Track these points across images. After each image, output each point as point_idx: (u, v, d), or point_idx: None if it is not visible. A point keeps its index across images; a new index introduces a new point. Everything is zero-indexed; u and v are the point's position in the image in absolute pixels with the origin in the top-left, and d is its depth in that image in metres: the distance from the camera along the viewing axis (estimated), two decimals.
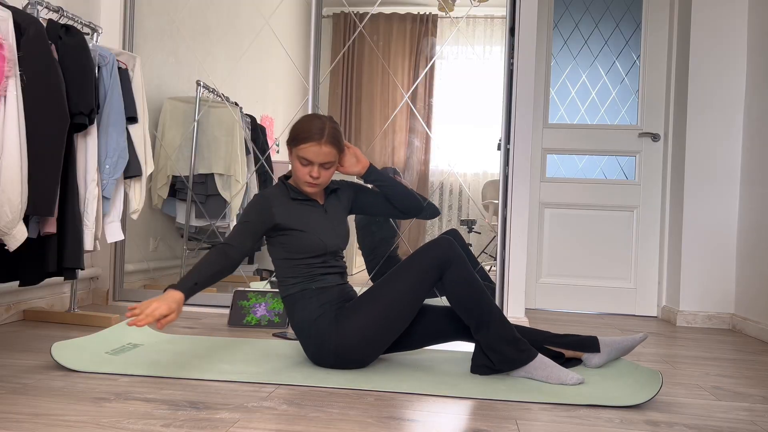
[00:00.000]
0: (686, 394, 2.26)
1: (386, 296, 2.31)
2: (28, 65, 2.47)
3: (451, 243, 2.34)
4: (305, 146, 2.32)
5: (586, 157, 4.51)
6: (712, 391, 2.32)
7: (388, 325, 2.31)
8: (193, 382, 2.13)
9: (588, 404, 2.03)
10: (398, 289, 2.31)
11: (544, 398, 2.07)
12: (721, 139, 4.02)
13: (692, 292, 4.04)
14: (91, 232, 2.94)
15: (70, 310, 3.38)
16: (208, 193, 4.17)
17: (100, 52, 3.03)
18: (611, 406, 2.03)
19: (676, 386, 2.38)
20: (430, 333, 2.46)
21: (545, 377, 2.28)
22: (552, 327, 3.70)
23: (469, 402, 2.03)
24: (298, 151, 2.34)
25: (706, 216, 4.03)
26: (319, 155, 2.33)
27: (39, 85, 2.51)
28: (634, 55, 4.49)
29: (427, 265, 2.30)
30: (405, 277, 2.32)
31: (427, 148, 4.13)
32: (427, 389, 2.13)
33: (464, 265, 2.32)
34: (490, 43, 4.06)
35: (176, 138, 4.16)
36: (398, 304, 2.30)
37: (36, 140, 2.49)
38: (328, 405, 1.92)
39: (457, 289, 2.31)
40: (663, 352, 3.07)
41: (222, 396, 1.97)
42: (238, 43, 4.17)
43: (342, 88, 4.21)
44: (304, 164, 2.35)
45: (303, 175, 2.37)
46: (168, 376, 2.18)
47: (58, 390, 1.97)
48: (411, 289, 2.31)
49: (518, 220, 3.51)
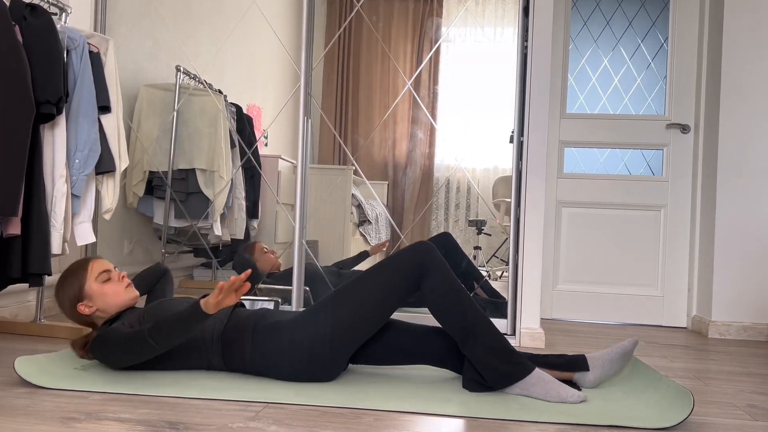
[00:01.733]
0: (719, 414, 2.25)
1: (355, 297, 2.34)
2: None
3: (430, 248, 2.36)
4: (90, 266, 2.50)
5: (608, 150, 4.51)
6: (747, 410, 2.32)
7: (354, 326, 2.33)
8: (172, 400, 2.13)
9: (609, 425, 2.03)
10: (367, 291, 2.33)
11: (559, 418, 2.07)
12: (758, 131, 4.02)
13: (725, 301, 4.04)
14: (59, 234, 2.94)
15: (36, 320, 3.37)
16: (188, 191, 4.17)
17: (69, 35, 3.03)
18: (635, 428, 2.02)
19: (707, 405, 2.38)
20: (405, 350, 2.47)
21: (544, 394, 2.25)
22: (571, 339, 3.70)
23: (478, 422, 2.02)
24: (90, 276, 2.48)
25: (741, 216, 4.03)
26: (104, 263, 2.54)
27: (1, 71, 2.51)
28: (661, 37, 4.49)
29: (402, 269, 2.33)
30: (376, 279, 2.35)
31: (432, 141, 4.13)
32: (431, 408, 2.12)
33: (444, 271, 2.33)
34: (502, 25, 4.06)
35: (153, 129, 4.16)
36: (366, 305, 2.32)
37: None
38: (322, 426, 1.91)
39: (437, 298, 2.32)
40: (693, 367, 3.07)
41: (203, 415, 1.97)
42: (223, 25, 4.17)
43: (337, 75, 4.21)
44: (106, 279, 2.48)
45: (117, 285, 2.50)
46: (144, 393, 2.17)
47: (23, 409, 1.97)
48: (381, 292, 2.33)
49: (533, 220, 3.51)
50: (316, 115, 4.37)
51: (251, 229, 4.50)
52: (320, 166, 4.41)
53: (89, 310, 2.44)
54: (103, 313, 2.47)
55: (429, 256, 2.34)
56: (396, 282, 2.32)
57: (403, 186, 4.26)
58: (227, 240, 4.34)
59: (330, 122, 4.31)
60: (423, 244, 2.37)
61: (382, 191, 4.46)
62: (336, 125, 4.27)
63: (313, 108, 3.80)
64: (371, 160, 4.29)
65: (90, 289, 2.45)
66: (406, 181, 4.24)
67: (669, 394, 2.22)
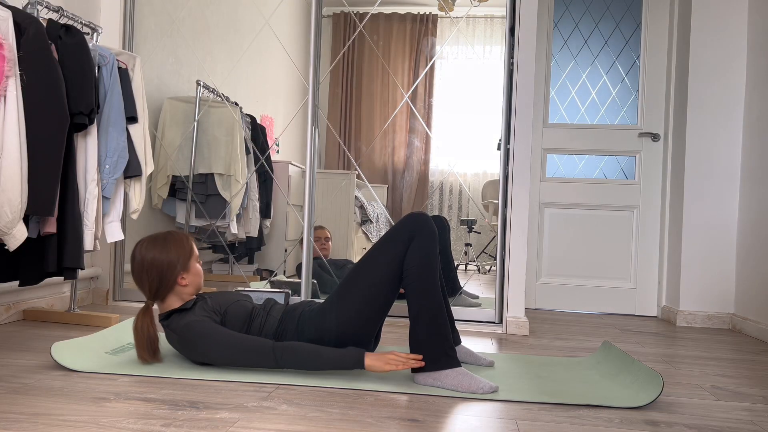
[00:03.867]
0: (686, 394, 2.26)
1: (366, 278, 2.26)
2: (28, 65, 2.47)
3: (425, 217, 2.28)
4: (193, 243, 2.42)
5: (586, 157, 4.51)
6: (712, 391, 2.32)
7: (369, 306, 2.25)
8: (193, 381, 2.13)
9: (587, 404, 2.03)
10: (376, 268, 2.26)
11: (544, 398, 2.07)
12: (721, 139, 4.02)
13: (692, 292, 4.04)
14: (91, 232, 2.94)
15: (70, 309, 3.38)
16: (207, 193, 4.17)
17: (100, 52, 3.03)
18: (610, 407, 2.03)
19: (675, 386, 2.38)
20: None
21: (455, 385, 2.14)
22: (553, 327, 3.70)
23: (470, 402, 2.02)
24: (195, 252, 2.41)
25: (706, 216, 4.03)
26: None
27: (39, 85, 2.51)
28: (634, 54, 4.49)
29: (397, 237, 2.26)
30: (379, 254, 2.27)
31: (427, 148, 4.13)
32: (427, 389, 2.13)
33: (430, 240, 2.24)
34: (490, 43, 4.06)
35: (176, 138, 4.16)
36: (378, 282, 2.25)
37: (36, 140, 2.49)
38: (328, 405, 1.92)
39: (412, 260, 2.22)
40: (663, 352, 3.07)
41: (222, 396, 1.97)
42: (238, 43, 4.17)
43: (342, 88, 4.21)
44: (199, 262, 2.43)
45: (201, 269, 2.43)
46: (168, 376, 2.17)
47: (58, 390, 1.97)
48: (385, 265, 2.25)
49: (518, 219, 3.51)
50: (323, 124, 4.36)
51: (264, 228, 4.49)
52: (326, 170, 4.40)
53: (184, 281, 2.34)
54: (185, 293, 2.37)
55: (419, 225, 2.25)
56: (395, 254, 2.24)
57: (402, 189, 4.25)
58: (242, 237, 4.33)
59: (335, 131, 4.31)
60: (418, 213, 2.29)
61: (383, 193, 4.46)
62: (341, 134, 4.27)
63: (320, 118, 3.81)
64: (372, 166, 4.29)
65: (192, 265, 2.37)
66: (404, 185, 4.24)
67: (641, 377, 2.23)
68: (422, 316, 2.20)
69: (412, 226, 2.27)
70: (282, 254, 4.45)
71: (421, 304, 2.20)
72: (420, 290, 2.21)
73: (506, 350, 2.94)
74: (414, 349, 2.21)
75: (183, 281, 2.35)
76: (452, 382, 2.15)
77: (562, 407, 2.01)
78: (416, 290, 2.21)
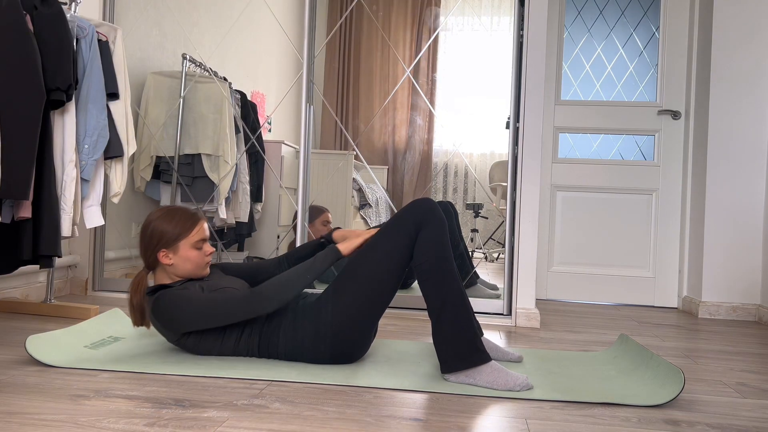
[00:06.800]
0: (709, 392, 2.25)
1: (366, 269, 2.26)
2: (0, 37, 2.44)
3: (432, 204, 2.27)
4: (198, 228, 2.38)
5: (602, 136, 4.49)
6: (736, 388, 2.31)
7: (370, 299, 2.25)
8: (179, 377, 2.12)
9: (603, 402, 2.02)
10: (377, 259, 2.25)
11: (556, 396, 2.06)
12: (747, 117, 4.00)
13: (715, 282, 4.03)
14: (69, 217, 2.93)
15: (47, 300, 3.37)
16: (194, 175, 4.15)
17: (78, 23, 3.01)
18: (628, 405, 2.02)
19: (698, 383, 2.37)
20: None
21: (491, 382, 2.12)
22: (565, 319, 3.70)
23: (476, 400, 2.02)
24: (192, 237, 2.36)
25: (731, 199, 4.01)
26: (207, 230, 2.43)
27: (13, 59, 2.49)
28: (653, 26, 4.46)
29: (403, 228, 2.24)
30: (382, 244, 2.26)
31: (431, 127, 4.11)
32: (430, 386, 2.12)
33: (441, 228, 2.23)
34: (498, 14, 4.03)
35: (160, 116, 4.14)
36: (379, 274, 2.24)
37: (9, 118, 2.47)
38: (323, 403, 1.91)
39: (425, 255, 2.21)
40: (684, 346, 3.06)
41: (209, 393, 1.96)
42: (227, 14, 4.14)
43: (339, 62, 4.18)
44: (200, 247, 2.38)
45: (201, 258, 2.39)
46: (151, 371, 2.16)
47: (33, 387, 1.96)
48: (388, 257, 2.24)
49: (528, 204, 3.49)
50: (318, 101, 4.34)
51: (255, 213, 4.49)
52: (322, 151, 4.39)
53: (167, 260, 2.34)
54: (172, 273, 2.37)
55: (427, 214, 2.24)
56: (400, 244, 2.23)
57: (403, 170, 4.24)
58: (232, 223, 4.32)
59: (331, 109, 4.29)
60: (424, 200, 2.28)
61: (383, 176, 4.45)
62: (337, 111, 4.25)
63: (315, 95, 3.78)
64: (372, 146, 4.27)
65: (182, 247, 2.35)
66: (405, 166, 4.23)
67: (661, 373, 2.22)
68: (446, 312, 2.18)
69: (418, 215, 2.25)
70: (274, 240, 4.45)
71: (444, 300, 2.19)
72: (439, 286, 2.20)
73: (515, 344, 2.94)
74: (440, 347, 2.19)
75: (166, 259, 2.35)
76: (487, 378, 2.13)
77: (575, 405, 2.00)
78: (435, 286, 2.20)
